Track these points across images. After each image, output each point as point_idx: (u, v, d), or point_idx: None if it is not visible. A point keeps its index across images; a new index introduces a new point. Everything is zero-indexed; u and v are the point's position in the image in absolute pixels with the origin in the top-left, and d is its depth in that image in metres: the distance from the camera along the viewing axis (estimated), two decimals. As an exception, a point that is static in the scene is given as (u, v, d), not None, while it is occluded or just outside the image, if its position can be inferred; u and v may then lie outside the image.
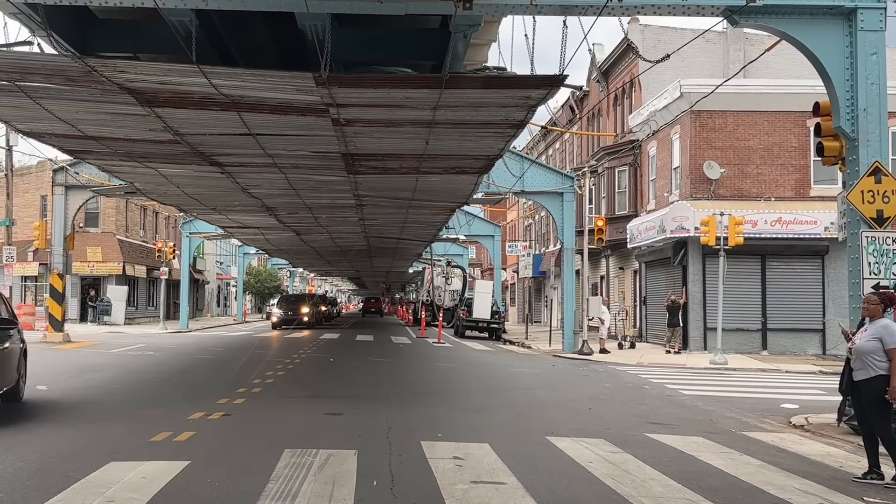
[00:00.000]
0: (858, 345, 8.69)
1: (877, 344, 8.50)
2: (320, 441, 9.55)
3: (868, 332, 8.72)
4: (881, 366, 8.46)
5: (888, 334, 8.47)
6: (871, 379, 8.51)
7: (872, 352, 8.51)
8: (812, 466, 9.20)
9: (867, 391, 8.57)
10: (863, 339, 8.70)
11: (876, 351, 8.49)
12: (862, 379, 8.60)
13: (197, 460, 8.23)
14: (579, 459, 8.91)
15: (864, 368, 8.59)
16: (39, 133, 17.83)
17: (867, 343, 8.59)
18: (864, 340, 8.66)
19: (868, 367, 8.54)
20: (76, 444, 9.19)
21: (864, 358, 8.58)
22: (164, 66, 12.54)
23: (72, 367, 19.11)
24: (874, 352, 8.50)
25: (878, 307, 8.81)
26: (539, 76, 12.66)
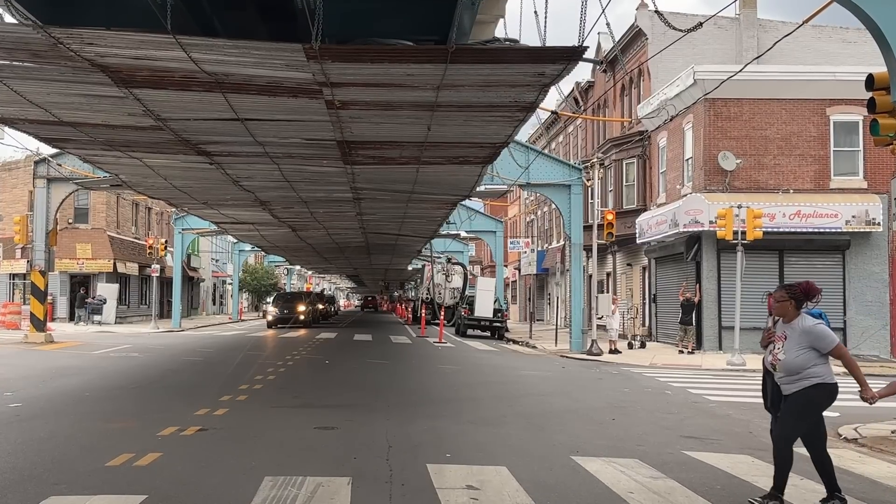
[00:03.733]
0: (786, 361, 7.11)
1: (810, 354, 7.04)
2: (308, 465, 8.20)
3: (790, 340, 7.13)
4: (818, 372, 7.06)
5: (818, 339, 7.04)
6: (807, 389, 7.09)
7: (806, 365, 7.05)
8: (888, 494, 7.87)
9: (800, 395, 7.12)
10: (788, 352, 7.09)
11: (811, 362, 7.05)
12: (797, 391, 7.15)
13: (155, 494, 6.88)
14: (617, 488, 7.57)
15: (796, 382, 7.13)
16: (11, 119, 16.60)
17: (798, 357, 7.05)
18: (791, 355, 7.08)
19: (802, 380, 7.09)
20: (18, 470, 7.83)
21: (797, 373, 7.11)
22: (137, 37, 11.22)
23: (46, 371, 17.79)
24: (808, 364, 7.05)
25: (788, 304, 7.19)
26: (555, 48, 11.34)
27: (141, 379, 17.26)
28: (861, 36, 30.32)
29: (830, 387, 7.13)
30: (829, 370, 7.13)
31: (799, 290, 7.25)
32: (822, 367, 7.09)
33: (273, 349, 26.93)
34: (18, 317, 37.33)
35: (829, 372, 7.12)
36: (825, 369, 7.11)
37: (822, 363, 7.08)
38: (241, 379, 16.39)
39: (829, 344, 7.06)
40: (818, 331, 7.08)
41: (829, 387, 7.13)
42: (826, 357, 7.11)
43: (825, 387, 7.10)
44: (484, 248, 69.59)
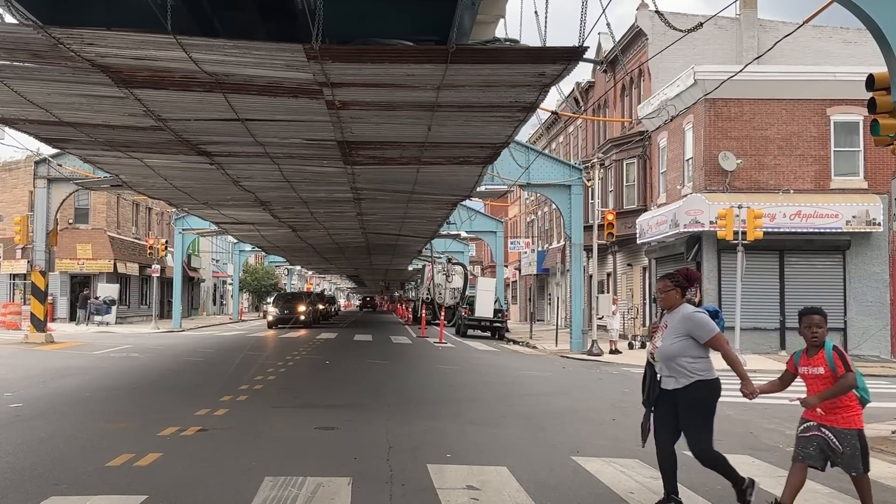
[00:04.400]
0: (662, 348, 6.75)
1: (686, 343, 6.65)
2: (308, 465, 8.20)
3: (670, 328, 6.76)
4: (697, 367, 6.67)
5: (696, 327, 6.65)
6: (689, 387, 6.68)
7: (682, 353, 6.67)
8: (889, 494, 7.87)
9: (685, 401, 6.71)
10: (666, 339, 6.75)
11: (686, 352, 6.66)
12: (676, 388, 6.75)
13: (156, 494, 6.87)
14: (617, 488, 7.58)
15: (675, 375, 6.74)
16: (12, 119, 16.60)
17: (674, 345, 6.69)
18: (668, 342, 6.73)
19: (681, 374, 6.70)
20: (18, 471, 7.83)
21: (674, 364, 6.72)
22: (138, 37, 11.22)
23: (46, 371, 17.79)
24: (684, 353, 6.67)
25: (675, 292, 6.82)
26: (556, 48, 11.33)
27: (141, 379, 17.26)
28: (861, 36, 30.32)
29: (712, 383, 6.74)
30: (708, 365, 6.74)
31: (681, 277, 6.94)
32: (702, 361, 6.70)
33: (273, 349, 26.93)
34: (19, 317, 37.34)
35: (708, 367, 6.75)
36: (705, 364, 6.72)
37: (701, 356, 6.69)
38: (241, 379, 16.39)
39: (707, 333, 6.65)
40: (697, 318, 6.71)
41: (711, 383, 6.73)
42: (706, 350, 6.71)
43: (707, 384, 6.70)
44: (484, 248, 69.57)
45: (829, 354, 6.37)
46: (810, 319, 6.52)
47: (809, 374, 6.50)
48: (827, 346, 6.43)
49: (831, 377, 6.35)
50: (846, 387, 6.33)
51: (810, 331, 6.49)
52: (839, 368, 6.33)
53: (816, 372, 6.43)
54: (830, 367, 6.34)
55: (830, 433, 6.40)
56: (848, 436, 6.39)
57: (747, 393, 6.71)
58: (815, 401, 6.38)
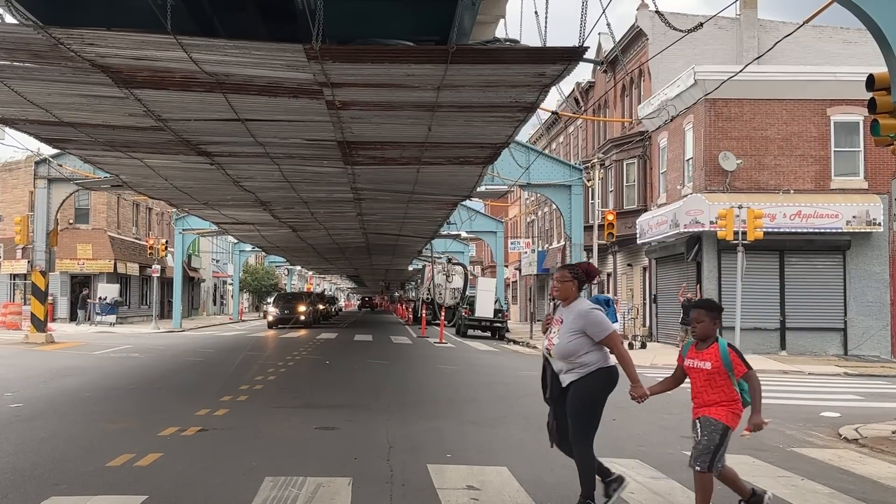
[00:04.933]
0: (559, 346, 6.54)
1: (581, 341, 6.47)
2: (309, 465, 8.20)
3: (565, 323, 6.56)
4: (592, 358, 6.49)
5: (591, 325, 6.46)
6: (584, 377, 6.51)
7: (579, 350, 6.48)
8: (888, 494, 7.86)
9: (576, 390, 6.53)
10: (561, 336, 6.54)
11: (583, 348, 6.48)
12: (573, 381, 6.56)
13: (156, 494, 6.87)
14: (617, 489, 7.55)
15: (572, 370, 6.56)
16: (12, 119, 16.59)
17: (570, 343, 6.49)
18: (564, 339, 6.52)
19: (578, 367, 6.52)
20: (18, 471, 7.83)
21: (570, 361, 6.54)
22: (138, 37, 11.22)
23: (46, 371, 17.79)
24: (581, 350, 6.48)
25: (572, 284, 6.63)
26: (556, 48, 11.32)
27: (141, 379, 17.26)
28: (861, 36, 30.30)
29: (607, 370, 6.56)
30: (604, 355, 6.58)
31: (581, 271, 6.76)
32: (597, 353, 6.53)
33: (273, 349, 26.93)
34: (19, 317, 37.34)
35: (603, 357, 6.57)
36: (600, 355, 6.55)
37: (595, 350, 6.53)
38: (241, 379, 16.39)
39: (601, 332, 6.48)
40: (593, 316, 6.52)
41: (606, 370, 6.55)
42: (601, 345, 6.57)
43: (602, 372, 6.52)
44: (484, 248, 69.56)
45: (725, 352, 6.10)
46: (696, 312, 6.32)
47: (694, 367, 6.24)
48: (721, 343, 6.17)
49: (717, 373, 6.08)
50: (758, 385, 6.16)
51: (691, 325, 6.34)
52: (738, 367, 6.09)
53: (703, 366, 6.16)
54: (725, 365, 6.07)
55: (699, 422, 6.15)
56: (712, 426, 6.07)
57: (636, 396, 6.49)
58: (760, 417, 6.12)
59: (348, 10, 12.78)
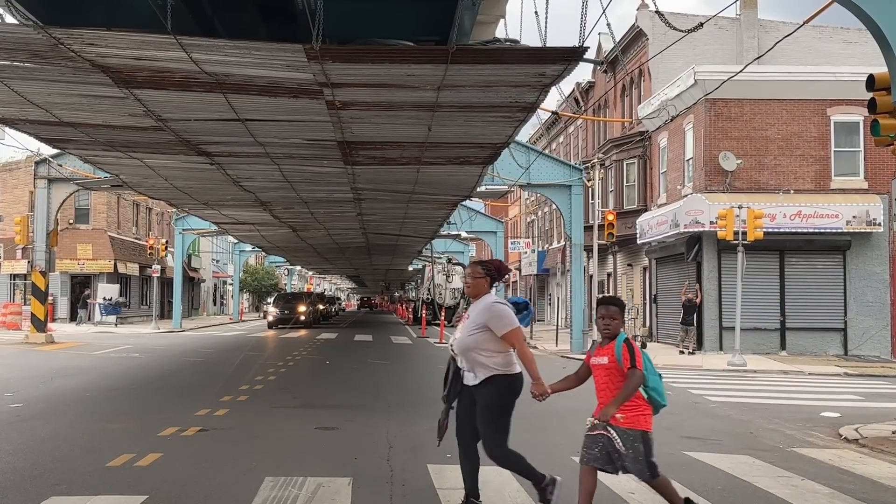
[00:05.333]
0: (459, 340, 6.41)
1: (483, 335, 6.30)
2: (309, 465, 8.20)
3: (470, 318, 6.44)
4: (496, 362, 6.33)
5: (494, 318, 6.28)
6: (486, 381, 6.34)
7: (479, 346, 6.31)
8: (889, 494, 7.85)
9: (480, 397, 6.39)
10: (464, 330, 6.40)
11: (484, 345, 6.31)
12: (475, 384, 6.41)
13: (156, 494, 6.88)
14: (617, 488, 7.58)
15: (473, 370, 6.40)
16: (12, 119, 16.59)
17: (470, 336, 6.33)
18: (465, 333, 6.37)
19: (479, 368, 6.35)
20: (18, 471, 7.84)
21: (471, 357, 6.37)
22: (137, 37, 11.22)
23: (46, 371, 17.79)
24: (481, 346, 6.31)
25: (483, 281, 6.52)
26: (556, 48, 11.31)
27: (141, 379, 17.26)
28: (862, 36, 30.30)
29: (512, 378, 6.40)
30: (509, 360, 6.40)
31: (493, 268, 6.66)
32: (502, 356, 6.36)
33: (274, 350, 26.92)
34: (19, 317, 37.34)
35: (509, 362, 6.40)
36: (505, 360, 6.38)
37: (500, 350, 6.34)
38: (241, 379, 16.39)
39: (503, 326, 6.27)
40: (496, 310, 6.34)
41: (511, 378, 6.40)
42: (505, 343, 6.36)
43: (506, 379, 6.37)
44: (484, 248, 69.49)
45: (619, 346, 5.91)
46: (606, 310, 6.11)
47: (595, 363, 6.12)
48: (619, 337, 5.99)
49: (615, 369, 5.93)
50: (635, 385, 5.88)
51: (603, 321, 6.10)
52: (625, 362, 5.87)
53: (601, 362, 6.04)
54: (617, 358, 5.90)
55: (615, 433, 5.94)
56: (630, 436, 5.94)
57: (537, 394, 6.34)
58: (612, 409, 5.89)
59: (348, 10, 12.78)
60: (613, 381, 5.98)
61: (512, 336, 6.33)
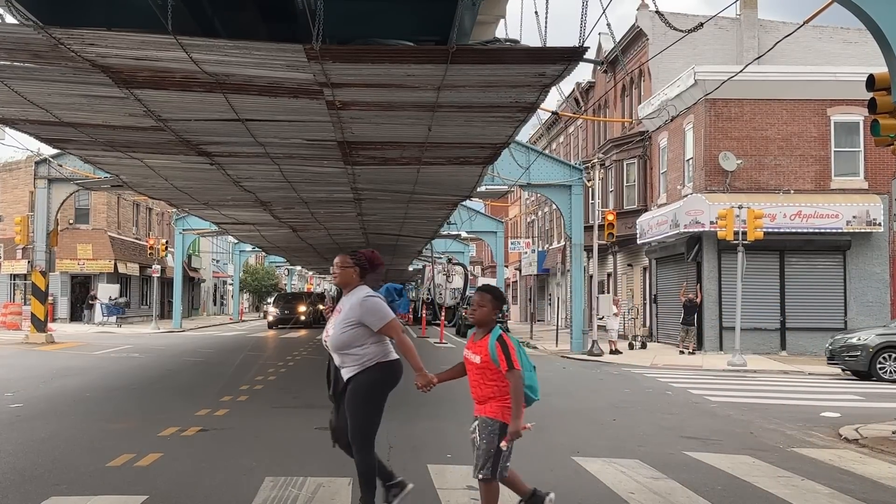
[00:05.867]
0: (332, 337, 6.13)
1: (358, 331, 6.05)
2: (309, 465, 8.22)
3: (343, 313, 6.16)
4: (370, 352, 6.10)
5: (367, 312, 6.04)
6: (361, 372, 6.10)
7: (353, 343, 6.07)
8: (888, 494, 7.85)
9: (352, 386, 6.13)
10: (337, 326, 6.13)
11: (358, 341, 6.07)
12: (350, 376, 6.14)
13: (156, 494, 6.88)
14: (617, 488, 7.57)
15: (349, 365, 6.13)
16: (12, 119, 16.57)
17: (344, 333, 6.08)
18: (338, 330, 6.11)
19: (354, 362, 6.11)
20: (18, 471, 7.84)
21: (346, 353, 6.11)
22: (138, 37, 11.21)
23: (47, 371, 17.79)
24: (356, 342, 6.07)
25: (352, 271, 6.23)
26: (556, 48, 11.30)
27: (142, 379, 17.27)
28: (862, 36, 30.29)
29: (387, 364, 6.18)
30: (384, 349, 6.19)
31: (364, 258, 6.36)
32: (377, 345, 6.14)
33: (274, 350, 26.93)
34: (19, 317, 37.34)
35: (384, 350, 6.19)
36: (380, 348, 6.16)
37: (376, 342, 6.13)
38: (241, 379, 16.39)
39: (379, 320, 6.06)
40: (369, 304, 6.09)
41: (386, 365, 6.17)
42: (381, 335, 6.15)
43: (380, 367, 6.14)
44: (484, 248, 69.52)
45: (492, 345, 5.55)
46: (479, 297, 5.78)
47: (468, 358, 5.77)
48: (493, 334, 5.61)
49: (489, 367, 5.58)
50: (520, 387, 5.57)
51: (470, 307, 5.78)
52: (502, 363, 5.51)
53: (473, 359, 5.70)
54: (492, 357, 5.54)
55: (477, 422, 5.68)
56: (489, 426, 5.60)
57: (421, 385, 6.07)
58: (518, 423, 5.58)
59: (348, 10, 12.78)
60: (486, 378, 5.65)
61: (389, 329, 6.12)
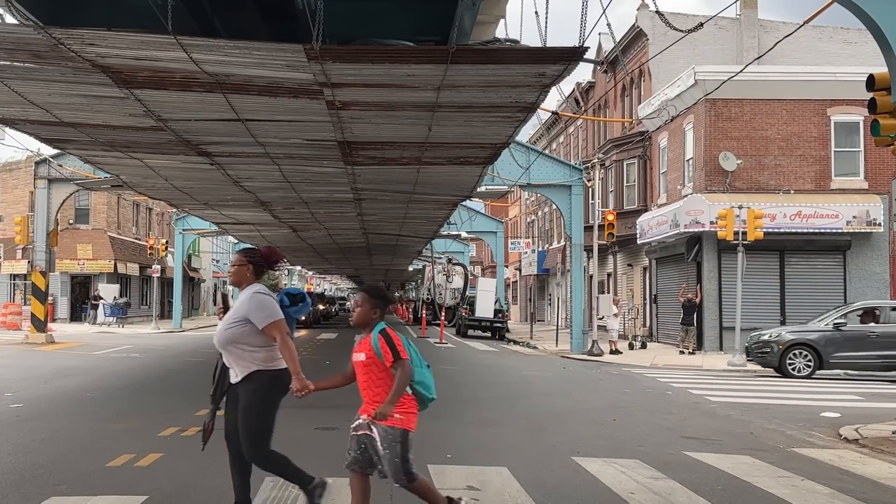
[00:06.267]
0: (219, 334, 6.00)
1: (244, 328, 5.89)
2: (309, 465, 8.11)
3: (232, 310, 6.06)
4: (257, 357, 5.92)
5: (254, 309, 5.88)
6: (247, 378, 5.93)
7: (239, 340, 5.92)
8: (888, 494, 7.85)
9: (241, 394, 5.96)
10: (224, 322, 6.00)
11: (245, 338, 5.91)
12: (236, 381, 5.99)
13: (156, 494, 6.88)
14: (617, 489, 7.56)
15: (235, 365, 5.97)
16: (12, 119, 16.58)
17: (229, 329, 5.93)
18: (224, 325, 5.97)
19: (240, 363, 5.94)
20: (18, 471, 7.84)
21: (232, 351, 5.97)
22: (137, 37, 11.21)
23: (47, 371, 17.79)
24: (242, 340, 5.92)
25: (245, 269, 6.12)
26: (556, 48, 11.30)
27: (142, 379, 17.27)
28: (862, 36, 30.28)
29: (274, 373, 5.96)
30: (272, 355, 5.97)
31: (258, 255, 6.27)
32: (265, 350, 5.95)
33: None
34: (19, 317, 37.31)
35: (273, 356, 5.97)
36: (268, 354, 5.96)
37: (263, 345, 5.94)
38: (241, 379, 16.35)
39: (264, 317, 5.87)
40: (257, 300, 5.94)
41: (273, 373, 5.96)
42: (268, 338, 5.94)
43: (267, 374, 5.95)
44: (484, 248, 69.53)
45: (375, 339, 5.39)
46: (359, 296, 5.65)
47: (355, 360, 5.58)
48: (375, 329, 5.46)
49: (375, 364, 5.42)
50: (407, 376, 5.39)
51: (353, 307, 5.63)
52: (386, 356, 5.34)
53: (359, 358, 5.51)
54: (376, 352, 5.38)
55: (377, 431, 5.44)
56: (390, 435, 5.42)
57: (295, 390, 5.82)
58: (389, 408, 5.35)
59: (348, 10, 12.79)
60: (373, 377, 5.48)
61: (273, 328, 5.88)
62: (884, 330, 20.60)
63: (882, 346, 20.27)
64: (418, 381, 5.56)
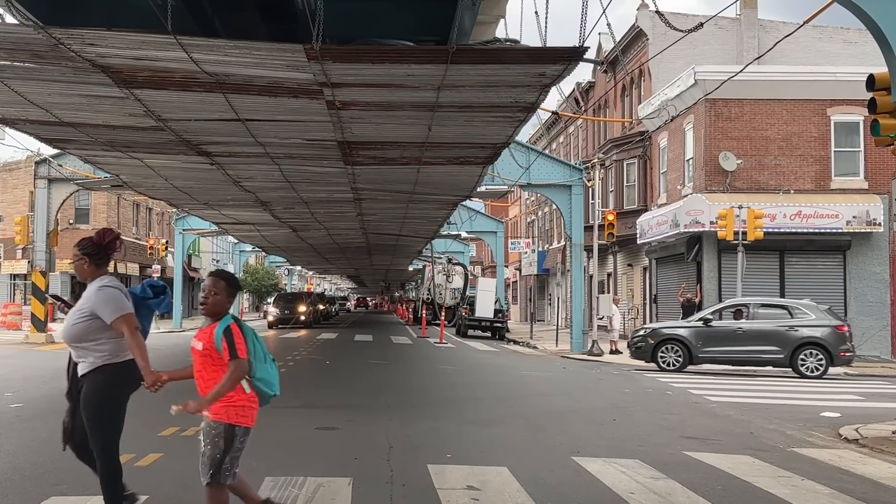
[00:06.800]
0: (64, 328, 5.85)
1: (92, 324, 5.66)
2: (309, 465, 8.20)
3: (78, 304, 5.79)
4: (104, 349, 5.72)
5: (99, 304, 5.63)
6: (92, 372, 5.75)
7: (86, 337, 5.70)
8: (889, 494, 7.85)
9: (84, 388, 5.80)
10: (70, 317, 5.77)
11: (92, 335, 5.69)
12: (81, 375, 5.83)
13: (156, 494, 6.92)
14: (617, 489, 7.56)
15: (83, 360, 5.80)
16: (12, 119, 16.57)
17: (76, 325, 5.70)
18: (71, 321, 5.74)
19: (87, 358, 5.77)
20: (18, 471, 7.86)
21: (79, 347, 5.78)
22: (138, 37, 11.21)
23: (47, 371, 17.75)
24: (89, 336, 5.70)
25: (84, 262, 5.84)
26: (556, 48, 11.31)
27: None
28: (862, 36, 30.29)
29: (119, 366, 5.79)
30: (118, 347, 5.76)
31: (90, 244, 5.88)
32: (111, 344, 5.75)
33: (273, 350, 26.91)
34: (19, 317, 37.33)
35: (120, 348, 5.76)
36: (114, 347, 5.76)
37: (111, 338, 5.74)
38: (241, 379, 16.35)
39: (111, 312, 5.63)
40: (102, 295, 5.68)
41: (118, 366, 5.79)
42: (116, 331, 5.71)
43: (112, 368, 5.78)
44: (484, 248, 69.54)
45: (218, 332, 5.16)
46: (212, 282, 5.33)
47: (193, 347, 5.37)
48: (222, 321, 5.21)
49: (211, 356, 5.20)
50: (237, 377, 5.16)
51: (202, 294, 5.30)
52: (224, 351, 5.14)
53: (196, 346, 5.31)
54: (216, 345, 5.16)
55: (202, 424, 5.29)
56: (213, 429, 5.22)
57: (147, 385, 5.62)
58: (204, 404, 5.18)
59: (348, 10, 12.78)
60: (209, 368, 5.28)
61: (121, 323, 5.64)
62: (750, 326, 21.20)
63: (748, 342, 20.88)
64: (259, 378, 5.37)
